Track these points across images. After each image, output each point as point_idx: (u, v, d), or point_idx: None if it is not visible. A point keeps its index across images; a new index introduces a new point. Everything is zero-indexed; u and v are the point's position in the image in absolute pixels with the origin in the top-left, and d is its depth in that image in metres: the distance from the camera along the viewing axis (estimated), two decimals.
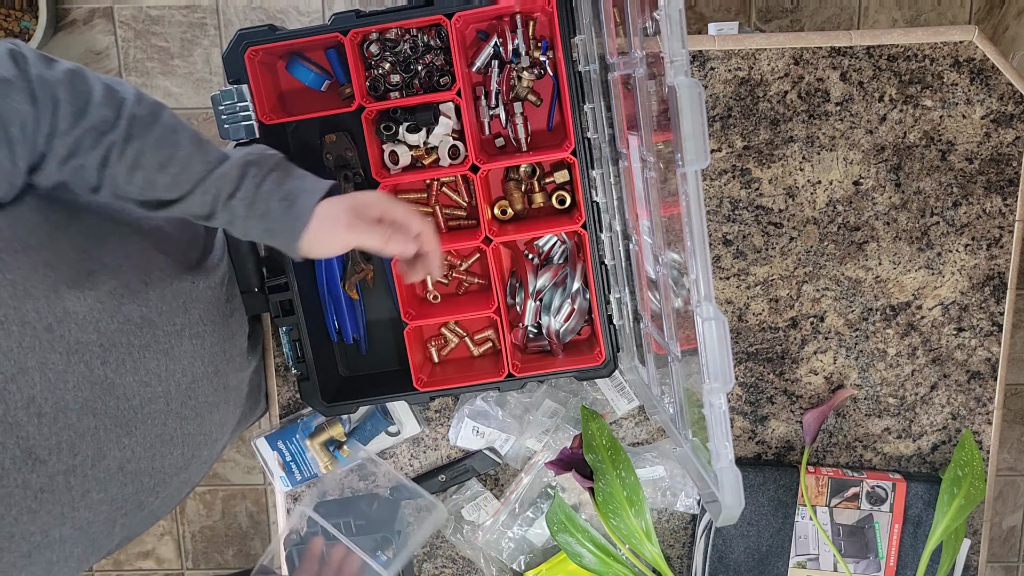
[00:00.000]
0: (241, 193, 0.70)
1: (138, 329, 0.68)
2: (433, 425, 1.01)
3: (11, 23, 1.80)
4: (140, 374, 0.68)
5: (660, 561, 0.90)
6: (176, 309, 0.73)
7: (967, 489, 0.92)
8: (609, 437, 0.93)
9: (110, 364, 0.64)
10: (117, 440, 0.65)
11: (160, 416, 0.70)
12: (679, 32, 0.56)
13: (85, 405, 0.62)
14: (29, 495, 0.58)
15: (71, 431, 0.61)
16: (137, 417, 0.67)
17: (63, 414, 0.60)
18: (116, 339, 0.65)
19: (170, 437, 0.72)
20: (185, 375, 0.73)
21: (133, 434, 0.67)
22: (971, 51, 0.90)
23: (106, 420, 0.64)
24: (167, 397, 0.71)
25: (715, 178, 0.95)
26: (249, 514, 2.10)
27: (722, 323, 0.59)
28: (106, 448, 0.64)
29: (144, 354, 0.68)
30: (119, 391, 0.65)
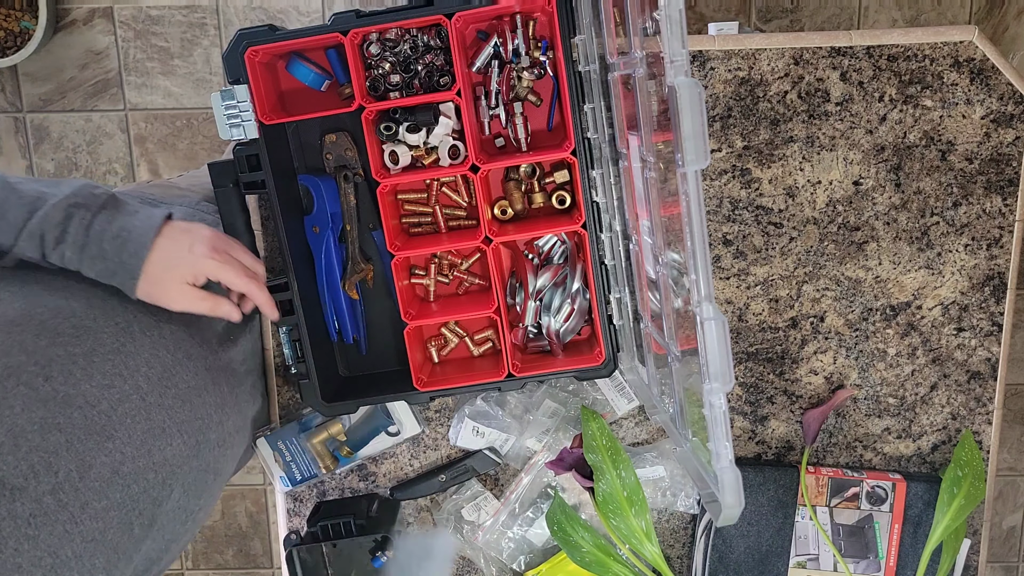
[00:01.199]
0: (70, 237, 0.70)
1: (74, 339, 0.67)
2: (433, 425, 1.01)
3: (11, 23, 1.80)
4: (96, 379, 0.66)
5: (660, 561, 0.90)
6: (112, 308, 0.72)
7: (967, 489, 0.92)
8: (609, 437, 0.93)
9: (55, 379, 0.63)
10: (99, 446, 0.64)
11: (139, 412, 0.69)
12: (679, 32, 0.56)
13: (45, 423, 0.61)
14: (20, 524, 0.58)
15: (40, 452, 0.60)
16: (112, 420, 0.66)
17: (23, 438, 0.59)
18: (51, 353, 0.64)
19: (161, 429, 0.71)
20: (152, 367, 0.72)
21: (115, 437, 0.66)
22: (971, 51, 0.90)
23: (77, 432, 0.63)
24: (140, 392, 0.70)
25: (715, 178, 0.95)
26: (249, 514, 2.10)
27: (722, 323, 0.59)
28: (89, 457, 0.63)
29: (92, 359, 0.67)
30: (78, 400, 0.64)
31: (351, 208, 0.93)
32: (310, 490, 1.03)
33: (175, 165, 1.94)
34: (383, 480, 1.03)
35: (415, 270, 0.97)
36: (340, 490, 1.03)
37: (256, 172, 0.86)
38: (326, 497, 1.03)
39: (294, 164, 0.94)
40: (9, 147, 1.91)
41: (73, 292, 0.70)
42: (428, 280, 0.97)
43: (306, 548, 0.97)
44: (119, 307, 0.73)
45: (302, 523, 1.03)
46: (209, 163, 0.87)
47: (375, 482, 1.03)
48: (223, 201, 0.87)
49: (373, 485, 1.03)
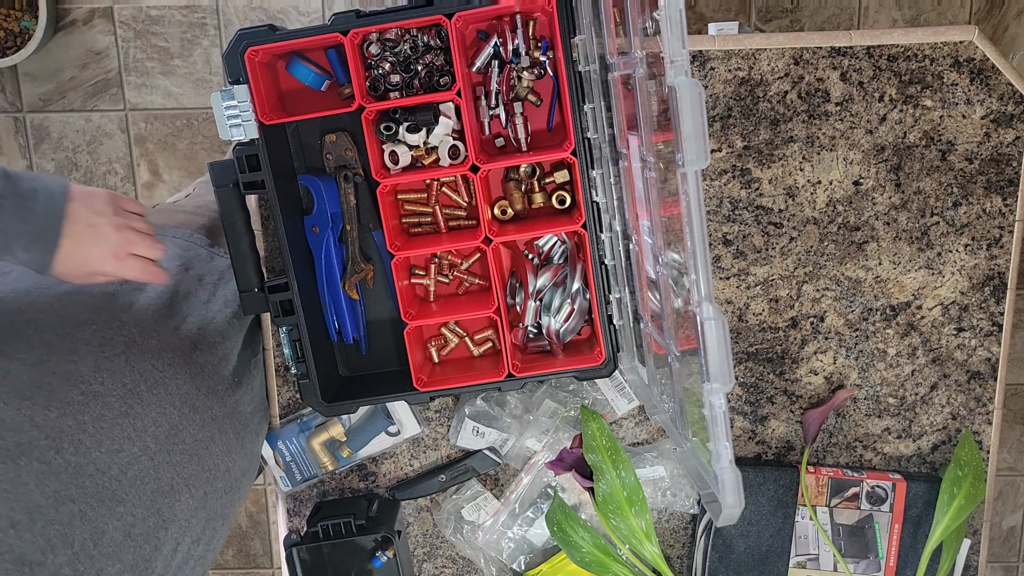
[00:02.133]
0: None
1: (82, 406, 0.66)
2: (433, 425, 1.01)
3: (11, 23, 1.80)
4: (106, 444, 0.66)
5: (660, 561, 0.90)
6: (119, 369, 0.71)
7: (967, 489, 0.92)
8: (609, 437, 0.93)
9: (66, 450, 0.63)
10: (111, 512, 0.64)
11: (148, 472, 0.69)
12: (679, 32, 0.56)
13: (58, 496, 0.61)
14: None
15: (56, 525, 0.60)
16: (122, 485, 0.66)
17: (39, 514, 0.59)
18: (61, 424, 0.64)
19: (170, 487, 0.71)
20: (159, 426, 0.72)
21: (126, 501, 0.66)
22: (971, 51, 0.90)
23: (89, 500, 0.63)
24: (148, 453, 0.69)
25: (715, 178, 0.95)
26: (249, 514, 2.10)
27: (722, 323, 0.59)
28: (102, 524, 0.63)
29: (101, 425, 0.67)
30: (89, 469, 0.64)
31: (351, 208, 0.93)
32: (310, 490, 1.03)
33: (175, 165, 1.94)
34: (383, 480, 1.03)
35: (415, 270, 0.97)
36: (340, 490, 1.03)
37: (256, 172, 0.86)
38: (326, 497, 1.03)
39: (294, 164, 0.94)
40: (9, 147, 1.91)
41: (80, 354, 0.69)
42: (428, 280, 0.97)
43: (306, 548, 0.97)
44: (126, 367, 0.72)
45: (302, 523, 1.03)
46: (209, 163, 0.87)
47: (375, 482, 1.03)
48: (223, 201, 0.87)
49: (373, 485, 1.03)
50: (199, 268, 0.91)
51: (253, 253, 0.89)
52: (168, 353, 0.78)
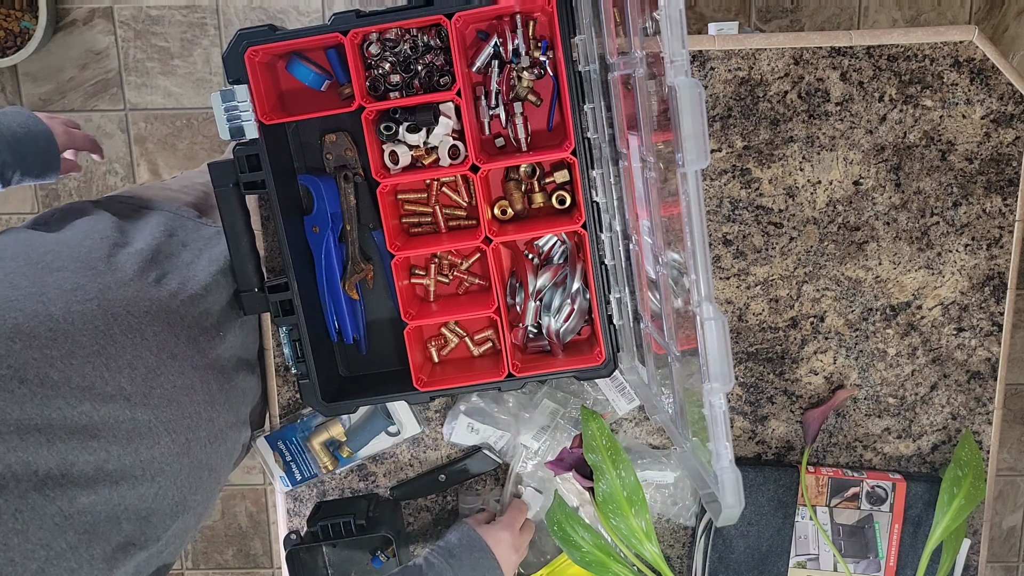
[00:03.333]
0: None
1: (50, 341, 0.67)
2: (433, 425, 1.01)
3: (11, 23, 1.80)
4: (75, 380, 0.67)
5: (660, 561, 0.90)
6: (91, 313, 0.72)
7: (967, 489, 0.92)
8: (609, 437, 0.93)
9: (31, 381, 0.63)
10: (82, 446, 0.65)
11: (124, 413, 0.69)
12: (679, 32, 0.56)
13: (22, 425, 0.61)
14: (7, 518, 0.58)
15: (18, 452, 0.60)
16: (95, 420, 0.67)
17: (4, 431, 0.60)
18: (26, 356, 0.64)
19: (146, 428, 0.71)
20: (135, 368, 0.73)
21: (99, 436, 0.66)
22: (971, 51, 0.90)
23: (57, 431, 0.63)
24: (123, 394, 0.70)
25: (715, 178, 0.95)
26: (249, 514, 2.10)
27: (722, 323, 0.59)
28: (72, 456, 0.64)
29: (70, 361, 0.67)
30: (57, 402, 0.64)
31: (351, 208, 0.93)
32: (310, 490, 1.03)
33: (175, 165, 1.94)
34: (383, 480, 1.03)
35: (415, 270, 0.97)
36: (340, 490, 1.03)
37: (256, 172, 0.86)
38: (326, 497, 1.03)
39: (294, 164, 0.94)
40: None
41: (50, 297, 0.70)
42: (428, 280, 0.97)
43: (306, 548, 0.97)
44: (98, 311, 0.73)
45: (302, 523, 1.03)
46: (209, 163, 0.87)
47: (375, 482, 1.03)
48: (223, 201, 0.87)
49: (373, 485, 1.03)
50: (184, 236, 0.92)
51: (253, 253, 0.90)
52: (144, 301, 0.78)
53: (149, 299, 0.79)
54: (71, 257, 0.77)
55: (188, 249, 0.90)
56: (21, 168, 0.85)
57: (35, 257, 0.75)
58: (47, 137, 0.88)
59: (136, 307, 0.77)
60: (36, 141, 0.87)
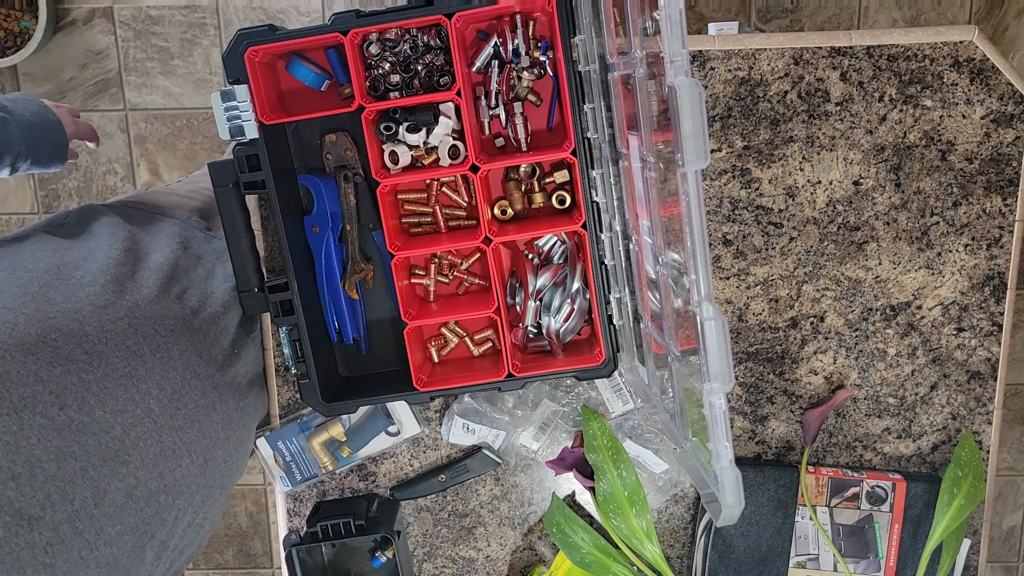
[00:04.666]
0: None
1: (87, 365, 0.67)
2: (433, 425, 1.01)
3: (11, 23, 1.80)
4: (109, 404, 0.67)
5: (660, 561, 0.90)
6: (122, 332, 0.72)
7: (967, 489, 0.92)
8: (610, 436, 0.93)
9: (70, 407, 0.63)
10: (113, 472, 0.65)
11: (151, 435, 0.69)
12: (679, 32, 0.56)
13: (60, 452, 0.61)
14: (38, 552, 0.58)
15: (57, 481, 0.60)
16: (125, 445, 0.67)
17: (39, 469, 0.60)
18: (65, 381, 0.64)
19: (172, 451, 0.71)
20: (162, 389, 0.73)
21: (128, 462, 0.67)
22: (971, 51, 0.90)
23: (91, 459, 0.63)
24: (151, 416, 0.70)
25: (715, 178, 0.95)
26: (249, 514, 2.10)
27: (722, 323, 0.59)
28: (104, 483, 0.64)
29: (104, 384, 0.67)
30: (92, 428, 0.64)
31: (351, 208, 0.93)
32: (310, 490, 1.03)
33: (175, 165, 1.94)
34: (383, 480, 1.03)
35: (415, 270, 0.97)
36: (340, 490, 1.03)
37: (256, 172, 0.86)
38: (326, 497, 1.03)
39: (294, 164, 0.94)
40: None
41: (84, 315, 0.70)
42: (428, 280, 0.97)
43: (306, 548, 0.97)
44: (128, 330, 0.73)
45: (302, 523, 1.03)
46: (209, 163, 0.87)
47: (375, 482, 1.03)
48: (223, 201, 0.87)
49: (373, 485, 1.03)
50: (197, 248, 0.92)
51: (253, 253, 0.90)
52: (170, 320, 0.79)
53: (174, 317, 0.79)
54: (99, 271, 0.77)
55: (202, 263, 0.90)
56: (32, 157, 0.85)
57: (65, 272, 0.75)
58: (58, 127, 0.88)
59: (163, 326, 0.77)
60: (48, 130, 0.87)
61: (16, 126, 0.82)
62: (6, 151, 0.81)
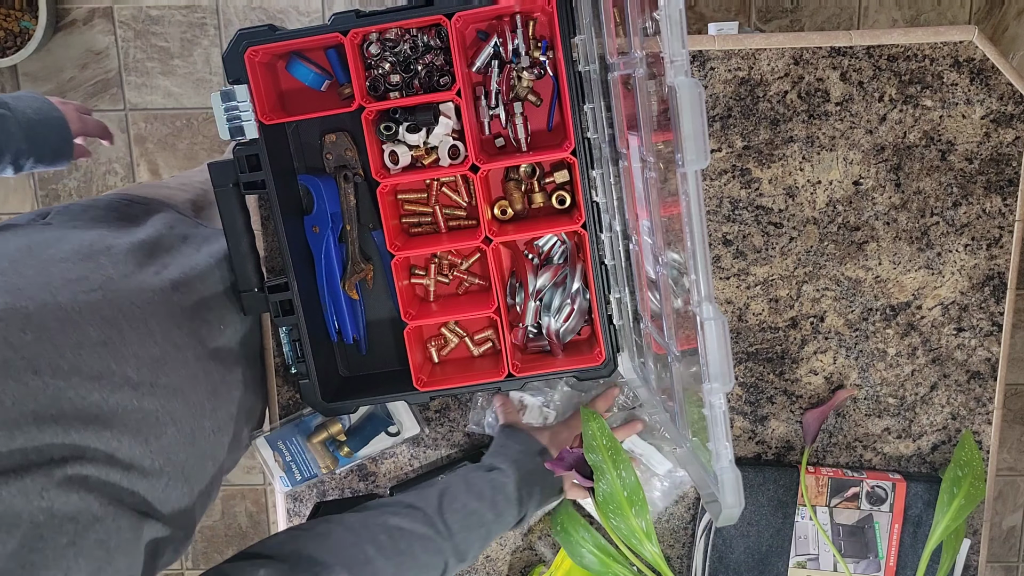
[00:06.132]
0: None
1: (60, 333, 0.67)
2: (433, 425, 1.01)
3: (11, 23, 1.80)
4: (85, 371, 0.67)
5: (660, 561, 0.90)
6: (97, 303, 0.72)
7: (967, 489, 0.92)
8: (609, 437, 0.93)
9: (43, 372, 0.63)
10: (96, 435, 0.65)
11: (132, 402, 0.69)
12: (679, 32, 0.56)
13: (39, 415, 0.61)
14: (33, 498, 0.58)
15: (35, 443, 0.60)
16: (105, 410, 0.67)
17: (18, 430, 0.60)
18: (37, 348, 0.64)
19: (154, 418, 0.71)
20: (140, 358, 0.72)
21: (112, 425, 0.66)
22: (971, 51, 0.90)
23: (72, 422, 0.63)
24: (130, 383, 0.70)
25: (715, 178, 0.95)
26: (249, 514, 2.10)
27: (722, 323, 0.59)
28: (85, 444, 0.64)
29: (79, 352, 0.67)
30: (68, 393, 0.64)
31: (351, 208, 0.93)
32: (310, 490, 1.03)
33: (175, 165, 1.94)
34: (383, 480, 1.03)
35: (415, 270, 0.97)
36: (340, 490, 1.03)
37: (256, 172, 0.86)
38: (326, 497, 1.03)
39: (294, 164, 0.94)
40: None
41: (57, 287, 0.70)
42: (428, 280, 0.97)
43: None
44: (103, 301, 0.73)
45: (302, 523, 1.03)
46: (209, 163, 0.87)
47: (375, 482, 1.03)
48: (223, 201, 0.87)
49: (373, 485, 1.03)
50: (183, 230, 0.91)
51: (253, 253, 0.90)
52: (148, 292, 0.78)
53: (152, 290, 0.79)
54: (72, 249, 0.77)
55: (188, 243, 0.90)
56: (35, 155, 0.85)
57: (37, 249, 0.75)
58: (61, 123, 0.88)
59: (139, 298, 0.77)
60: (51, 127, 0.87)
61: (16, 123, 0.82)
62: (6, 148, 0.81)
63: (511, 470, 0.87)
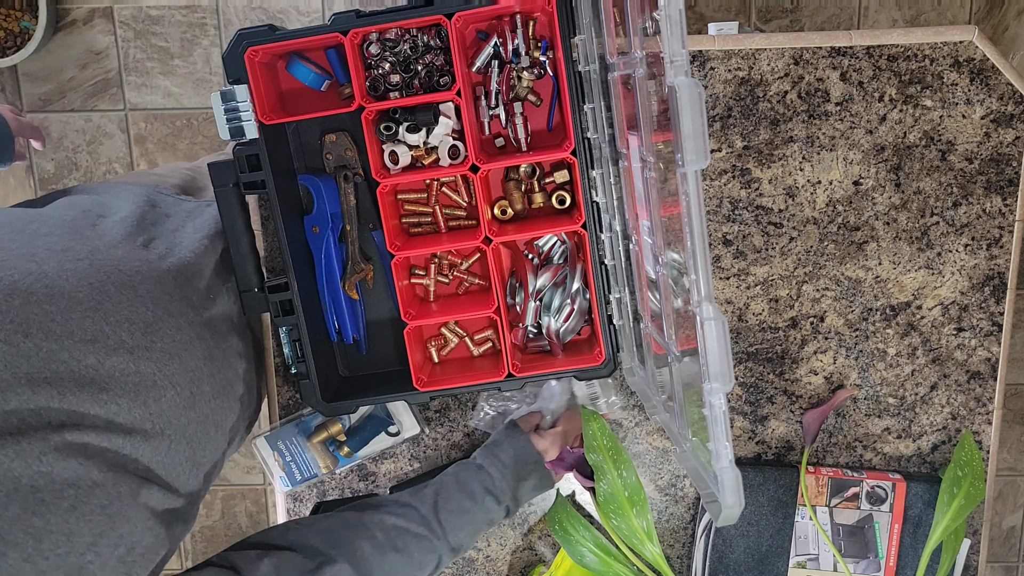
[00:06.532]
0: None
1: (48, 298, 0.66)
2: (433, 425, 1.01)
3: (11, 23, 1.80)
4: (77, 335, 0.66)
5: (660, 561, 0.90)
6: (83, 271, 0.72)
7: (967, 489, 0.92)
8: (610, 437, 0.93)
9: (35, 335, 0.63)
10: (93, 398, 0.64)
11: (128, 366, 0.69)
12: (679, 32, 0.56)
13: (32, 377, 0.61)
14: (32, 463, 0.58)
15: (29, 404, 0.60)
16: (102, 373, 0.66)
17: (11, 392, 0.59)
18: (26, 312, 0.64)
19: (153, 382, 0.71)
20: (133, 323, 0.72)
21: (108, 388, 0.66)
22: (971, 51, 0.90)
23: (68, 384, 0.63)
24: (125, 347, 0.70)
25: (715, 178, 0.95)
26: (249, 514, 2.10)
27: (722, 323, 0.59)
28: (84, 408, 0.63)
29: (69, 316, 0.67)
30: (62, 356, 0.64)
31: (351, 208, 0.93)
32: (310, 490, 1.03)
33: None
34: (383, 480, 1.03)
35: (415, 270, 0.97)
36: (340, 490, 1.03)
37: (256, 172, 0.86)
38: (326, 497, 1.03)
39: (294, 164, 0.94)
40: None
41: (42, 257, 0.70)
42: (428, 280, 0.97)
43: None
44: (90, 269, 0.72)
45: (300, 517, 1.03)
46: (209, 163, 0.87)
47: (375, 482, 1.03)
48: (223, 201, 0.87)
49: (373, 485, 1.03)
50: (166, 208, 0.91)
51: (253, 253, 0.90)
52: (135, 262, 0.78)
53: (139, 260, 0.79)
54: (56, 225, 0.77)
55: (172, 219, 0.89)
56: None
57: (20, 226, 0.75)
58: (3, 125, 0.88)
59: (127, 266, 0.76)
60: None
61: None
62: None
63: (503, 470, 0.89)
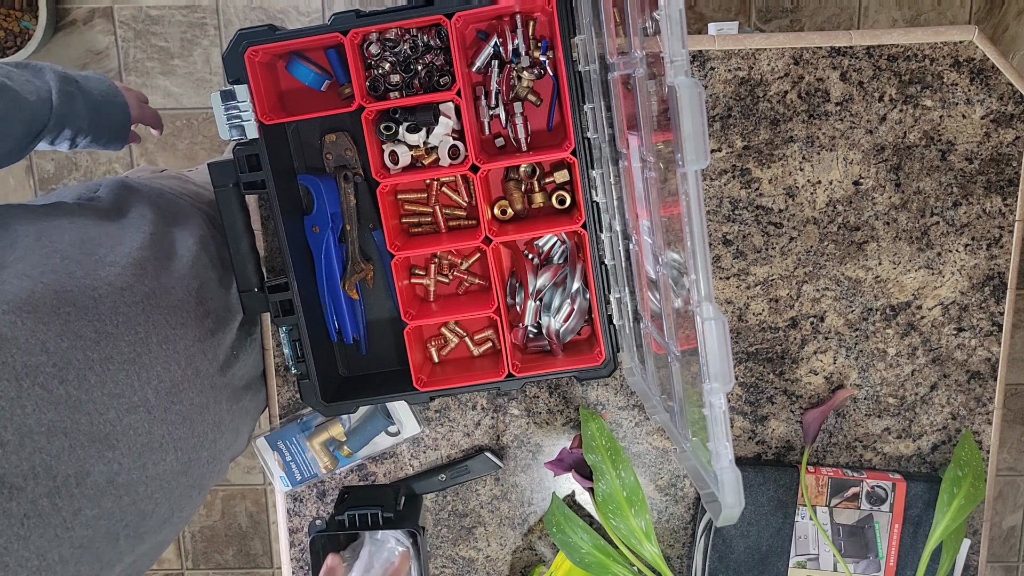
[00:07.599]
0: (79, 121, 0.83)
1: (94, 343, 0.67)
2: (433, 425, 1.01)
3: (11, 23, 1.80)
4: (108, 387, 0.67)
5: (660, 561, 0.90)
6: (135, 317, 0.72)
7: (967, 489, 0.92)
8: (609, 437, 0.93)
9: (70, 382, 0.63)
10: (99, 455, 0.65)
11: (143, 425, 0.69)
12: (679, 32, 0.56)
13: (52, 427, 0.61)
14: (14, 523, 0.58)
15: (43, 454, 0.60)
16: (116, 430, 0.66)
17: (29, 439, 0.59)
18: (70, 356, 0.64)
19: (159, 444, 0.71)
20: (162, 381, 0.73)
21: (116, 447, 0.66)
22: (971, 51, 0.90)
23: (80, 438, 0.63)
24: (146, 406, 0.70)
25: (715, 178, 0.95)
26: (249, 514, 2.10)
27: (722, 323, 0.59)
28: (88, 465, 0.64)
29: (107, 366, 0.67)
30: (88, 407, 0.64)
31: (351, 208, 0.93)
32: (310, 490, 1.03)
33: (175, 165, 1.94)
34: (383, 480, 1.02)
35: (415, 270, 0.97)
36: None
37: (256, 172, 0.86)
38: (326, 498, 1.03)
39: (294, 164, 0.94)
40: None
41: (101, 295, 0.70)
42: (428, 280, 0.97)
43: (327, 536, 0.95)
44: (141, 316, 0.73)
45: (302, 523, 1.03)
46: (209, 163, 0.87)
47: (375, 482, 1.03)
48: (223, 201, 0.87)
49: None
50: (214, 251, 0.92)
51: (253, 253, 0.90)
52: (183, 314, 0.79)
53: (187, 312, 0.80)
54: (123, 252, 0.77)
55: (215, 268, 0.90)
56: (94, 134, 0.86)
57: (89, 247, 0.75)
58: (124, 109, 0.89)
59: (175, 318, 0.77)
60: (114, 111, 0.88)
61: (83, 103, 0.83)
62: (69, 125, 0.81)
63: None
